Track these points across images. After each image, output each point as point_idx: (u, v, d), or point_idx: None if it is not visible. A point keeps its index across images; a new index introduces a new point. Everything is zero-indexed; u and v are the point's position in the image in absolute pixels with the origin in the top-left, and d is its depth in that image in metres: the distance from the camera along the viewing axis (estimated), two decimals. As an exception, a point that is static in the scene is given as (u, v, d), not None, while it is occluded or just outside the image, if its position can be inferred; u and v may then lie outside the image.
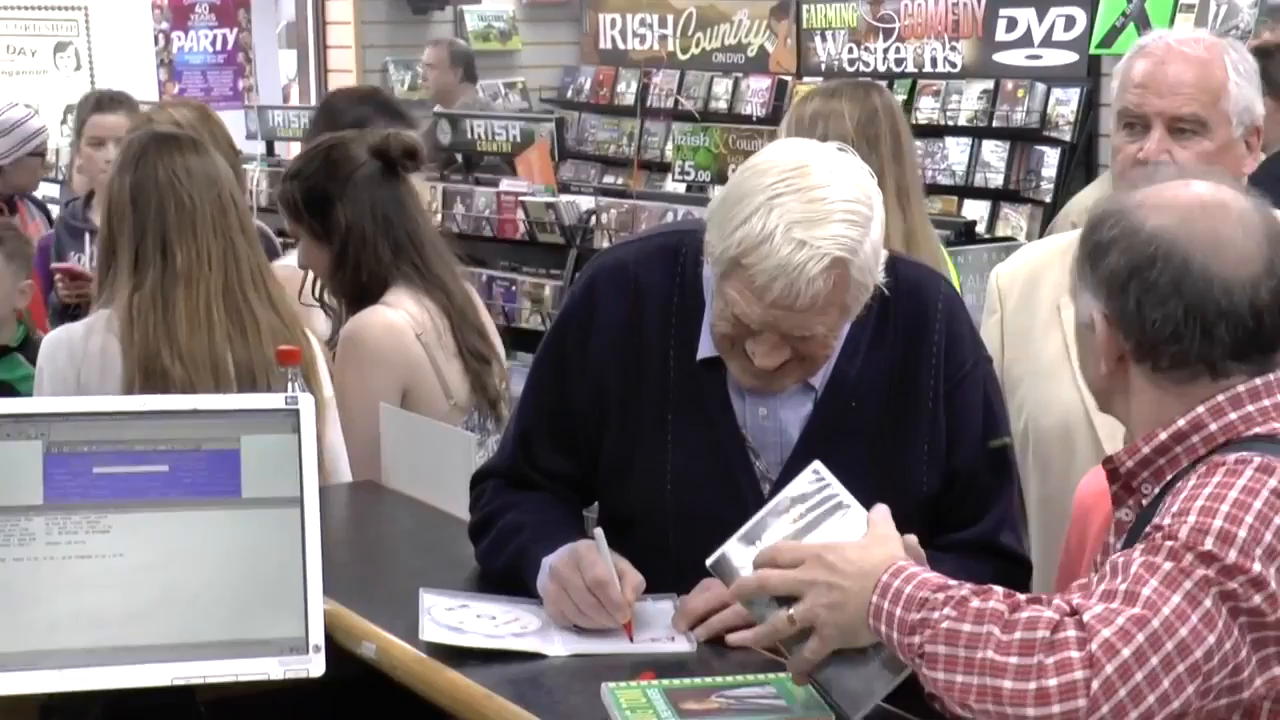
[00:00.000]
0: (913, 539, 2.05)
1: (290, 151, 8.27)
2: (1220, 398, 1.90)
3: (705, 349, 2.35)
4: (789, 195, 2.13)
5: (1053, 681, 1.69)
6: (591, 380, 2.41)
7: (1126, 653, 1.69)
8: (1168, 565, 1.74)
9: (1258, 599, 1.73)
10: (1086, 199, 3.89)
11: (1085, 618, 1.72)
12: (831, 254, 2.13)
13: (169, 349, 3.06)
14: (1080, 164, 7.61)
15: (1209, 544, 1.74)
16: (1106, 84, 6.84)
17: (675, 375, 2.37)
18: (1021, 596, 1.79)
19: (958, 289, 3.82)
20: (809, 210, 2.13)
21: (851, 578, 1.90)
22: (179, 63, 9.45)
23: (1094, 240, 1.93)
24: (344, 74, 9.92)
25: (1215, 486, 1.80)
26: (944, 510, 2.38)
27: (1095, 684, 1.68)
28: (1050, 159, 7.71)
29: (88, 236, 5.22)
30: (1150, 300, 1.87)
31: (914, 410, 2.36)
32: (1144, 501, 1.95)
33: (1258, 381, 1.90)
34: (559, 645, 2.23)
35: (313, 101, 9.90)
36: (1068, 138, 7.65)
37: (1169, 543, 1.75)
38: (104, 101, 5.36)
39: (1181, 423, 1.90)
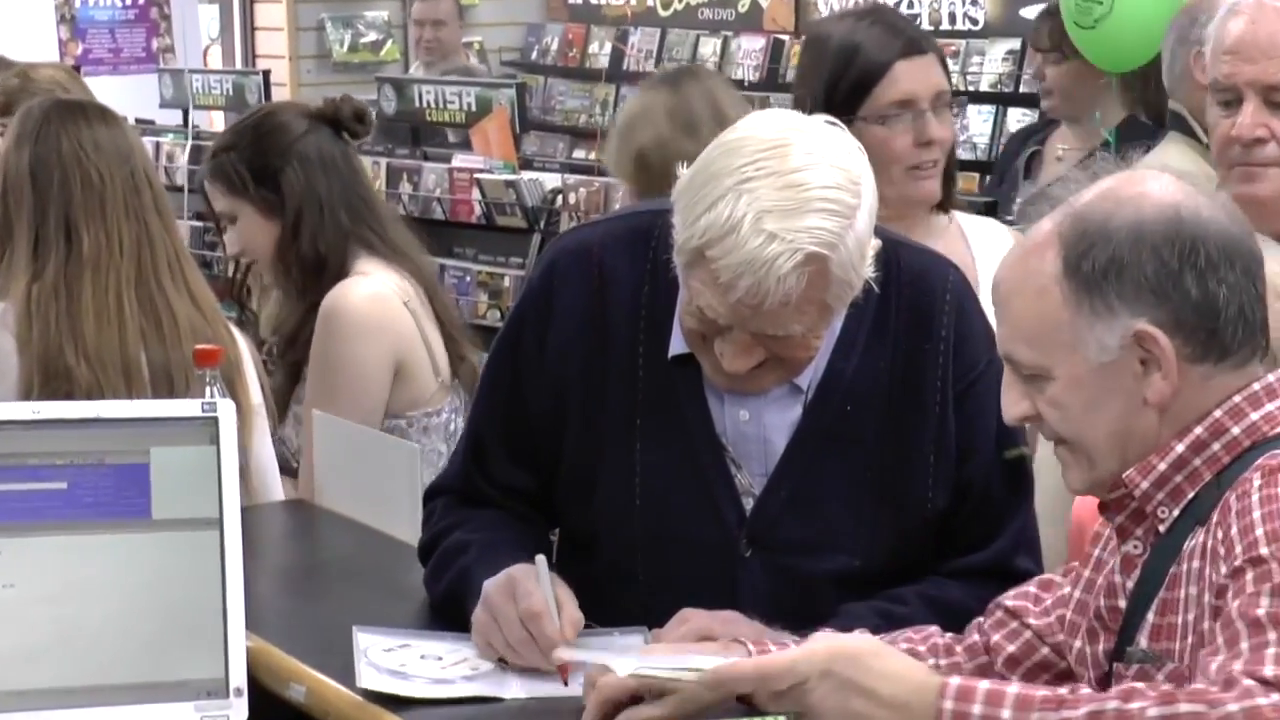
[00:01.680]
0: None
1: (212, 121, 8.27)
2: (1237, 398, 1.94)
3: (678, 345, 2.37)
4: (761, 180, 2.15)
5: None
6: (550, 379, 2.43)
7: None
8: None
9: None
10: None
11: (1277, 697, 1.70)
12: (805, 249, 2.14)
13: (73, 346, 3.06)
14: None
15: None
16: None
17: (645, 374, 2.39)
18: (1166, 687, 1.77)
19: None
20: (783, 198, 2.14)
21: (900, 700, 1.82)
22: (82, 20, 9.45)
23: (1098, 259, 1.92)
24: (273, 32, 9.93)
25: None
26: (953, 529, 2.40)
27: None
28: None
29: None
30: (1213, 277, 1.91)
31: (918, 416, 2.38)
32: (1160, 528, 1.97)
33: (1271, 380, 1.95)
34: (515, 687, 2.24)
35: (237, 64, 9.91)
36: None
37: None
38: None
39: (1199, 430, 1.93)
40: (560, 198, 6.00)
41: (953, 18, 8.35)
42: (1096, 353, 1.94)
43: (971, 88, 8.09)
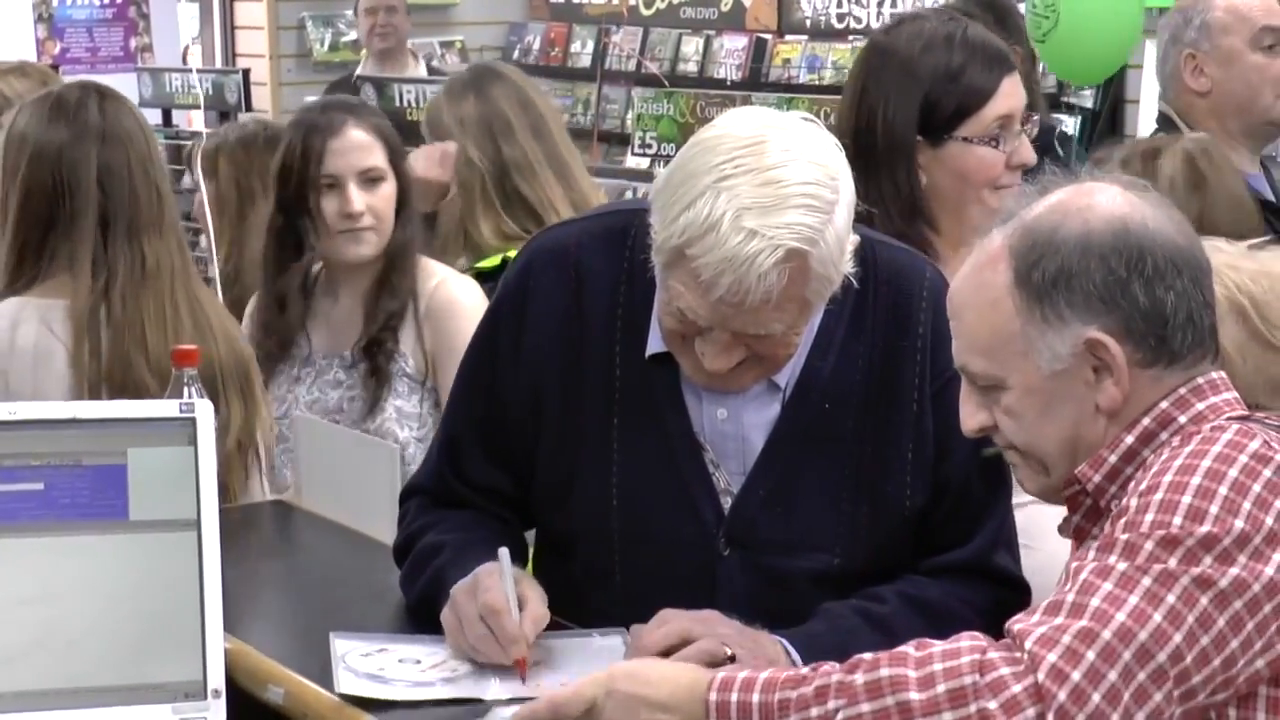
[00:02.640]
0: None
1: (191, 121, 8.25)
2: (1182, 390, 1.99)
3: (656, 344, 2.38)
4: (739, 177, 2.16)
5: None
6: (526, 380, 2.43)
7: (1077, 676, 1.75)
8: (1122, 566, 1.81)
9: (1236, 569, 1.80)
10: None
11: (1027, 644, 1.77)
12: (786, 245, 2.16)
13: (143, 358, 3.05)
14: (1104, 135, 7.66)
15: (1176, 523, 1.81)
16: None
17: (622, 373, 2.40)
18: (907, 647, 1.85)
19: None
20: (761, 195, 2.16)
21: (676, 702, 1.93)
22: (60, 19, 9.43)
23: (1048, 269, 1.97)
24: (254, 31, 9.91)
25: (1187, 457, 1.88)
26: (931, 527, 2.42)
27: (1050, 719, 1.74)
28: (1068, 129, 7.76)
29: None
30: (1160, 284, 1.96)
31: (896, 413, 2.39)
32: None
33: (1214, 375, 2.00)
34: (497, 688, 2.25)
35: (217, 63, 9.89)
36: (1089, 104, 7.70)
37: (1124, 536, 1.83)
38: None
39: (1147, 421, 1.98)
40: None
41: (935, 17, 8.34)
42: (1049, 361, 1.99)
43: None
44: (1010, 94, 2.98)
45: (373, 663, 2.29)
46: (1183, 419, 1.97)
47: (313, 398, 3.62)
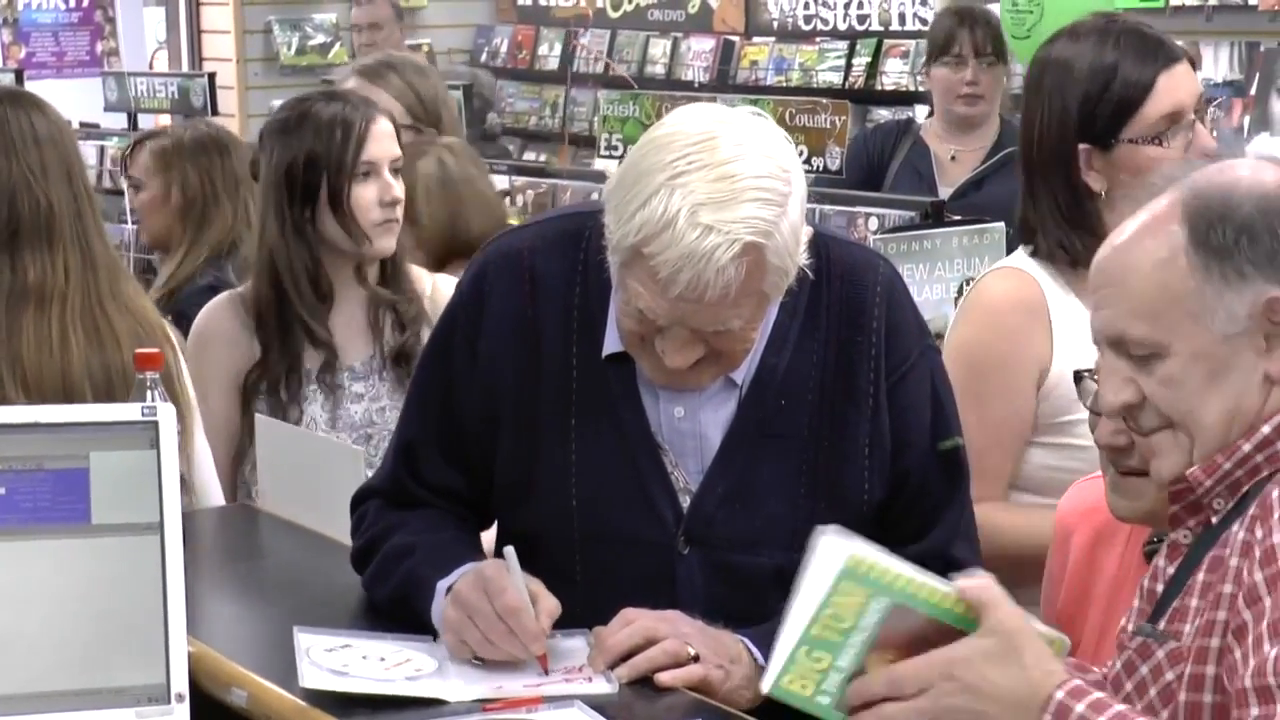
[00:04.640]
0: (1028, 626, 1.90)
1: (159, 124, 8.23)
2: None
3: (612, 344, 2.39)
4: (693, 173, 2.18)
5: None
6: (482, 385, 2.44)
7: None
8: None
9: None
10: None
11: None
12: (743, 239, 2.17)
13: (12, 375, 2.99)
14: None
15: None
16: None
17: (579, 374, 2.41)
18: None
19: None
20: (716, 190, 2.17)
21: (1003, 708, 1.82)
22: (25, 23, 9.42)
23: (1227, 227, 1.91)
24: (220, 35, 9.91)
25: None
26: (890, 522, 2.43)
27: None
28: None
29: None
30: None
31: (852, 408, 2.40)
32: (1213, 519, 1.96)
33: None
34: (460, 688, 2.25)
35: (184, 67, 9.88)
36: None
37: None
38: None
39: (1266, 429, 1.93)
40: (508, 200, 6.00)
41: (903, 17, 8.38)
42: (1223, 323, 1.92)
43: (921, 88, 8.12)
44: (1172, 88, 2.90)
45: (336, 658, 2.29)
46: None
47: (332, 415, 3.44)
